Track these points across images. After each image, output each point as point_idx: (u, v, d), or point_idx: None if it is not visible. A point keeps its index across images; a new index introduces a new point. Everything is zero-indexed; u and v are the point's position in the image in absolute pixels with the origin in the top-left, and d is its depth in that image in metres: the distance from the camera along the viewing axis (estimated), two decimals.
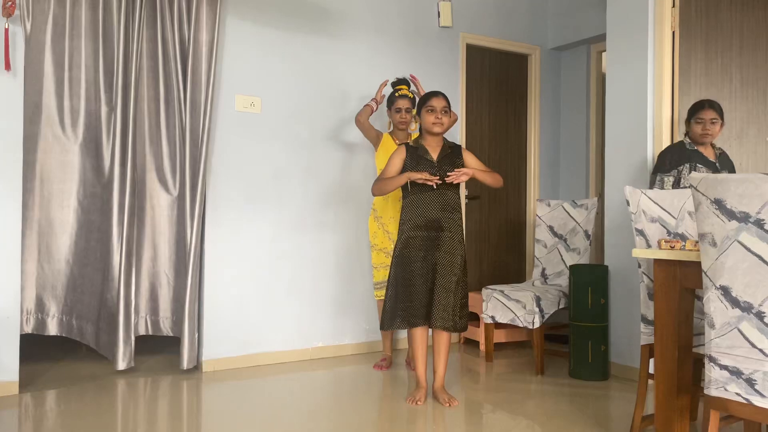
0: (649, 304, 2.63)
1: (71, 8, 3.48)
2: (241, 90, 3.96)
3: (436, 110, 3.18)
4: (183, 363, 3.64)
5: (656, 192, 2.72)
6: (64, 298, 3.62)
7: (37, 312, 3.56)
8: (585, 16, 5.02)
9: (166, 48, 3.72)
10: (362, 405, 3.20)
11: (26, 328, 3.52)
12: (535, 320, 3.82)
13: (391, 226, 3.84)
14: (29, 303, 3.54)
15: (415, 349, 3.21)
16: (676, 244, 2.28)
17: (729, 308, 1.85)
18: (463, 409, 3.13)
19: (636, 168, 3.71)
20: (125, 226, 3.56)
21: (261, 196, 4.02)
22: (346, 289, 4.32)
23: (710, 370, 1.91)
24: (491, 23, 5.01)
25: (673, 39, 3.63)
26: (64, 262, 3.60)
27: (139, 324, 3.74)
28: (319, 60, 4.24)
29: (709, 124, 3.24)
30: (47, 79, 3.46)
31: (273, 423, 2.90)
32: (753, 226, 1.78)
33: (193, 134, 3.72)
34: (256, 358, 3.97)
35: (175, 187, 3.79)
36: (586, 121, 5.22)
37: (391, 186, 3.22)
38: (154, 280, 3.80)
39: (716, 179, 1.86)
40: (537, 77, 5.29)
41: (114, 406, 3.10)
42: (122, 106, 3.55)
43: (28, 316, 3.53)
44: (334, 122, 4.30)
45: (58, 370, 3.68)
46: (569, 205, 4.30)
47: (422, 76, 4.56)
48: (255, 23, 4.00)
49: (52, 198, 3.54)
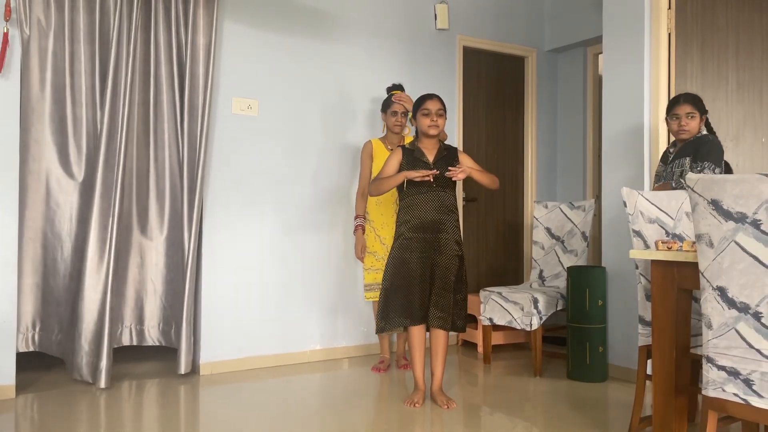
0: (646, 306, 2.63)
1: (69, 13, 3.46)
2: (238, 93, 3.96)
3: (431, 113, 3.18)
4: (180, 367, 3.62)
5: (653, 193, 2.72)
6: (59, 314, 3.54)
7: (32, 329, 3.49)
8: (581, 19, 5.03)
9: (162, 51, 3.70)
10: (360, 407, 3.20)
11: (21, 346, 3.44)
12: (532, 322, 3.82)
13: (382, 231, 3.84)
14: (26, 319, 3.46)
15: (413, 351, 3.21)
16: (673, 245, 2.28)
17: (726, 309, 1.85)
18: (461, 411, 3.13)
19: (633, 169, 3.72)
20: (115, 232, 3.47)
21: (257, 200, 4.02)
22: (343, 292, 4.32)
23: (708, 370, 1.91)
24: (488, 26, 5.02)
25: (669, 41, 3.64)
26: (67, 275, 3.52)
27: (123, 334, 3.69)
28: (316, 63, 4.24)
29: (684, 119, 3.08)
30: (45, 84, 3.43)
31: (270, 426, 2.89)
32: (750, 227, 1.79)
33: (191, 138, 3.72)
34: (253, 362, 3.96)
35: (168, 191, 3.76)
36: (583, 122, 5.23)
37: (387, 185, 3.22)
38: (139, 288, 3.74)
39: (712, 179, 1.86)
40: (534, 79, 5.30)
41: (111, 411, 3.09)
42: (110, 109, 3.48)
43: (25, 333, 3.46)
44: (331, 125, 4.30)
45: (56, 375, 3.67)
46: (566, 206, 4.30)
47: (419, 78, 4.57)
48: (252, 26, 4.01)
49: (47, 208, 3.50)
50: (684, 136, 3.12)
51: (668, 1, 3.64)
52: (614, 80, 3.86)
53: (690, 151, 3.06)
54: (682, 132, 3.11)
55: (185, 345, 3.62)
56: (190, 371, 3.69)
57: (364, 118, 4.42)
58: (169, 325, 3.80)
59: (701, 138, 3.09)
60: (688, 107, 3.10)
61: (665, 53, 3.64)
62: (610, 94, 3.89)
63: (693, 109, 3.10)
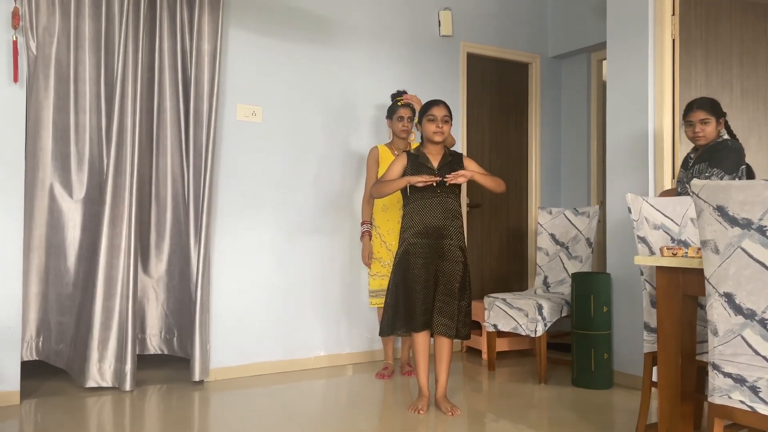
0: (651, 312, 2.63)
1: (75, 20, 3.48)
2: (243, 99, 3.98)
3: (436, 119, 3.19)
4: (195, 374, 3.60)
5: (658, 199, 2.72)
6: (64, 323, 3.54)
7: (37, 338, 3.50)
8: (585, 25, 5.03)
9: (166, 58, 3.71)
10: (364, 414, 3.19)
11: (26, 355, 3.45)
12: (537, 328, 3.81)
13: (388, 237, 3.84)
14: (31, 329, 3.47)
15: (417, 357, 3.20)
16: (678, 251, 2.28)
17: (732, 315, 1.84)
18: (466, 418, 3.11)
19: (637, 176, 3.71)
20: (122, 239, 3.47)
21: (261, 206, 4.02)
22: (347, 299, 4.32)
23: (714, 377, 1.90)
24: (492, 32, 5.03)
25: (674, 47, 3.64)
26: (71, 284, 3.53)
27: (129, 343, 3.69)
28: (320, 69, 4.25)
29: (699, 125, 3.07)
30: (48, 91, 3.43)
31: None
32: (756, 233, 1.78)
33: (196, 144, 3.72)
34: (258, 368, 3.95)
35: (173, 198, 3.76)
36: (586, 129, 5.23)
37: (389, 188, 3.22)
38: (141, 296, 3.73)
39: (718, 186, 1.86)
40: (537, 86, 5.30)
41: (115, 417, 3.09)
42: (120, 118, 3.49)
43: (29, 342, 3.47)
44: (335, 131, 4.31)
45: (60, 381, 3.67)
46: (571, 212, 4.30)
47: (423, 84, 4.58)
48: (256, 33, 4.02)
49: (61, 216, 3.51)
50: (701, 142, 3.10)
51: (672, 8, 3.64)
52: (618, 86, 3.86)
53: (707, 157, 3.05)
54: (697, 138, 3.10)
55: (199, 353, 3.61)
56: (204, 378, 3.67)
57: (368, 124, 4.43)
58: (172, 333, 3.80)
59: (719, 144, 3.06)
60: (702, 113, 3.07)
61: (669, 60, 3.64)
62: (614, 100, 3.89)
63: (707, 114, 3.06)
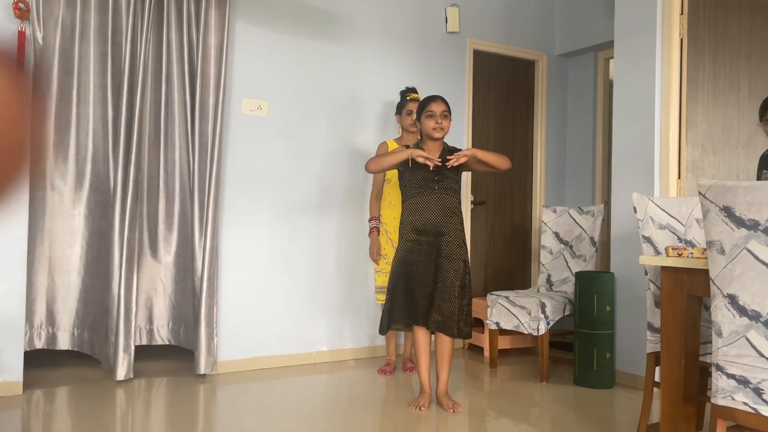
0: (655, 312, 2.62)
1: (81, 12, 3.49)
2: (248, 93, 3.97)
3: (435, 115, 3.17)
4: (200, 367, 3.62)
5: (663, 199, 2.71)
6: (75, 311, 3.59)
7: (47, 326, 3.54)
8: (592, 23, 5.01)
9: (173, 51, 3.72)
10: (365, 410, 3.19)
11: (37, 343, 3.51)
12: (540, 327, 3.81)
13: (394, 234, 3.84)
14: (40, 316, 3.51)
15: (418, 354, 3.20)
16: (683, 252, 2.27)
17: (737, 317, 1.84)
18: (467, 415, 3.11)
19: (643, 175, 3.70)
20: (126, 232, 3.50)
21: (264, 200, 4.02)
22: (350, 294, 4.32)
23: (717, 378, 1.89)
24: (498, 29, 5.01)
25: (681, 46, 3.62)
26: (75, 272, 3.57)
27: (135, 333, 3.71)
28: (326, 64, 4.25)
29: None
30: (55, 83, 3.45)
31: (275, 427, 2.89)
32: (762, 234, 1.77)
33: (202, 138, 3.72)
34: (260, 362, 3.96)
35: (179, 192, 3.77)
36: (592, 127, 5.21)
37: (388, 161, 3.17)
38: (149, 288, 3.77)
39: (724, 186, 1.85)
40: (544, 83, 5.28)
41: (117, 409, 3.10)
42: (127, 110, 3.52)
43: (39, 330, 3.51)
44: (341, 127, 4.30)
45: (63, 372, 3.68)
46: (575, 211, 4.29)
47: (429, 81, 4.57)
48: (263, 27, 4.02)
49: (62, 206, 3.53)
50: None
51: (681, 7, 3.62)
52: (625, 85, 3.84)
53: None
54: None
55: (205, 346, 3.63)
56: (208, 371, 3.68)
57: (374, 119, 4.42)
58: (179, 324, 3.82)
59: None
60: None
61: (677, 59, 3.62)
62: (621, 99, 3.87)
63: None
